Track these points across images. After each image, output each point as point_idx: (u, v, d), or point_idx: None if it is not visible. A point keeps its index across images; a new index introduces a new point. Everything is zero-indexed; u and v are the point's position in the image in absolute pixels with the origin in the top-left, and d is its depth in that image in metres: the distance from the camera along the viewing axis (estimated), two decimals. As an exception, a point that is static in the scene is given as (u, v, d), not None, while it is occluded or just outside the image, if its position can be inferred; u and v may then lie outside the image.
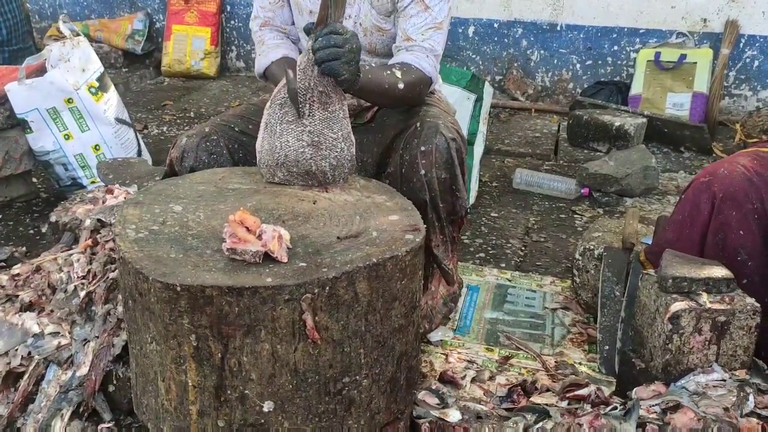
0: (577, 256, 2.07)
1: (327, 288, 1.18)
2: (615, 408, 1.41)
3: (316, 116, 1.49)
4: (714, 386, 1.41)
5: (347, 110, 1.54)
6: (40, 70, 2.63)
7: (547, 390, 1.60)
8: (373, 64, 1.80)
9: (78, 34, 2.80)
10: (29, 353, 1.56)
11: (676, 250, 1.60)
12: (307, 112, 1.49)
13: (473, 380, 1.71)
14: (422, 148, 1.63)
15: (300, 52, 1.93)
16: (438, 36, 1.71)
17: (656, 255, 1.78)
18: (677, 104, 3.88)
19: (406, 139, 1.67)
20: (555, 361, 1.82)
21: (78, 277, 1.63)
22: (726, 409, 1.35)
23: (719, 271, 1.50)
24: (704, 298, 1.46)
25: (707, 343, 1.46)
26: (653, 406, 1.39)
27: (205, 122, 1.80)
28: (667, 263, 1.52)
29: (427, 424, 1.45)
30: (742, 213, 1.56)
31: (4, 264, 2.20)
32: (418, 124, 1.67)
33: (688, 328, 1.45)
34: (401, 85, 1.63)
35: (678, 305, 1.45)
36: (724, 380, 1.43)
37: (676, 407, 1.37)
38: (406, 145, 1.66)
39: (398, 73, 1.64)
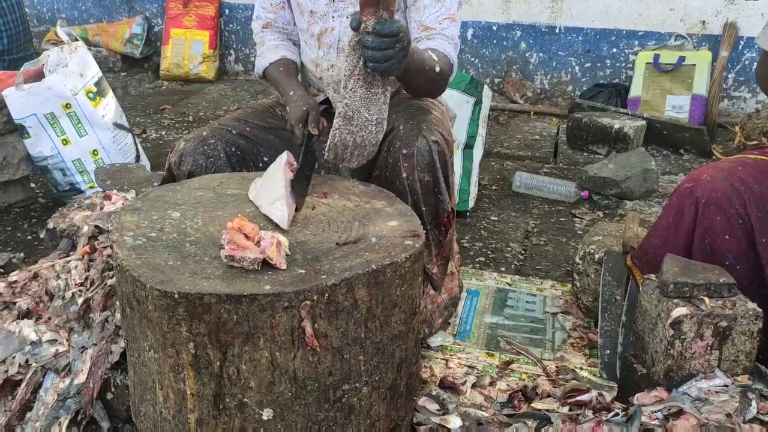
0: (577, 260, 2.06)
1: (326, 295, 1.17)
2: (617, 414, 1.40)
3: (357, 93, 1.43)
4: (716, 392, 1.40)
5: (389, 95, 1.49)
6: (38, 76, 2.62)
7: (548, 396, 1.60)
8: None
9: (76, 39, 2.79)
10: (27, 361, 1.55)
11: (661, 256, 1.60)
12: (350, 86, 1.43)
13: (474, 386, 1.70)
14: (404, 151, 1.62)
15: (299, 53, 1.92)
16: (453, 27, 1.71)
17: (642, 260, 1.78)
18: (676, 106, 3.87)
19: (390, 142, 1.65)
20: (556, 366, 1.81)
21: (76, 284, 1.62)
22: (728, 415, 1.34)
23: (721, 276, 1.49)
24: (706, 303, 1.45)
25: (709, 348, 1.45)
26: (655, 412, 1.38)
27: (204, 126, 1.80)
28: (668, 268, 1.52)
29: (428, 430, 1.45)
30: (726, 217, 1.56)
31: (1, 270, 2.19)
32: (401, 127, 1.65)
33: (689, 334, 1.44)
34: (438, 69, 1.60)
35: (680, 310, 1.44)
36: (727, 386, 1.42)
37: (679, 413, 1.36)
38: (390, 148, 1.65)
39: (435, 57, 1.61)
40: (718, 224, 1.57)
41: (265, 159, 1.79)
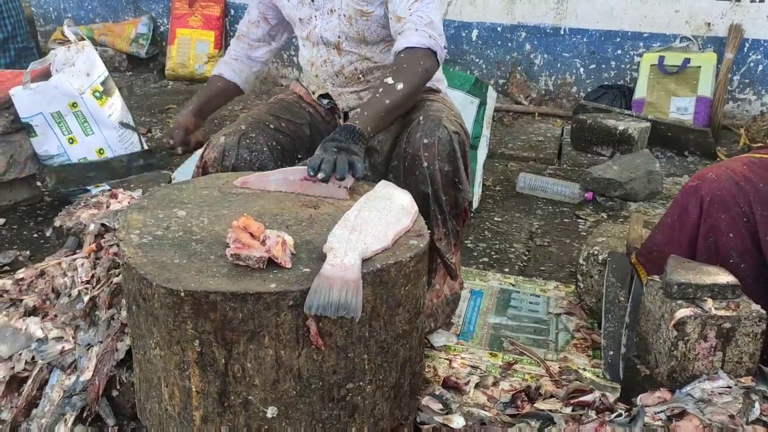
0: (581, 261, 2.07)
1: (331, 294, 1.18)
2: (620, 415, 1.40)
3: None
4: (719, 393, 1.41)
5: None
6: (45, 75, 2.64)
7: (551, 396, 1.60)
8: (364, 63, 1.82)
9: (83, 39, 2.80)
10: (33, 358, 1.56)
11: (666, 253, 1.60)
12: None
13: (477, 386, 1.70)
14: (425, 141, 1.63)
15: (252, 66, 2.08)
16: (426, 6, 1.67)
17: (646, 258, 1.78)
18: (681, 108, 3.87)
19: (410, 132, 1.67)
20: (559, 367, 1.81)
21: (82, 282, 1.63)
22: (732, 417, 1.34)
23: (725, 277, 1.49)
24: (709, 304, 1.46)
25: (713, 349, 1.45)
26: (658, 413, 1.38)
27: (238, 121, 1.84)
28: (672, 269, 1.52)
29: (431, 430, 1.45)
30: (731, 216, 1.57)
31: (8, 268, 2.21)
32: (421, 118, 1.68)
33: (693, 335, 1.44)
34: (400, 86, 1.59)
35: (683, 312, 1.44)
36: (730, 387, 1.42)
37: (682, 414, 1.37)
38: (409, 138, 1.67)
39: (390, 80, 1.60)
40: (722, 222, 1.57)
41: (299, 156, 1.84)
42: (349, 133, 1.53)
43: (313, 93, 1.96)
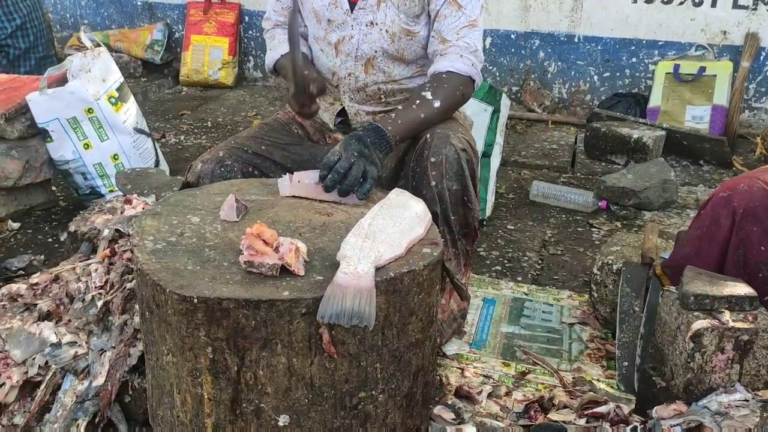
0: (595, 270, 2.05)
1: (344, 302, 1.17)
2: (635, 427, 1.39)
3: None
4: (737, 406, 1.39)
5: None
6: (61, 80, 2.66)
7: (565, 407, 1.59)
8: (397, 82, 1.80)
9: (98, 45, 2.83)
10: (46, 362, 1.56)
11: (695, 266, 1.58)
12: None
13: (490, 395, 1.69)
14: (432, 159, 1.62)
15: (309, 48, 1.90)
16: (473, 33, 1.72)
17: (673, 270, 1.76)
18: (696, 117, 3.84)
19: (417, 151, 1.67)
20: (573, 377, 1.79)
21: (96, 287, 1.63)
22: (749, 430, 1.32)
23: (742, 289, 1.47)
24: (727, 316, 1.44)
25: (730, 362, 1.43)
26: (674, 425, 1.37)
27: (220, 145, 1.81)
28: (689, 280, 1.50)
29: (443, 440, 1.44)
30: (763, 229, 1.54)
31: (22, 272, 2.22)
32: (428, 136, 1.67)
33: (710, 347, 1.43)
34: (437, 104, 1.65)
35: (700, 323, 1.43)
36: (747, 400, 1.40)
37: (698, 427, 1.35)
38: (417, 157, 1.66)
39: (428, 95, 1.65)
40: (754, 235, 1.55)
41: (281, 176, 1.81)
42: (377, 137, 1.54)
43: (326, 108, 1.91)
